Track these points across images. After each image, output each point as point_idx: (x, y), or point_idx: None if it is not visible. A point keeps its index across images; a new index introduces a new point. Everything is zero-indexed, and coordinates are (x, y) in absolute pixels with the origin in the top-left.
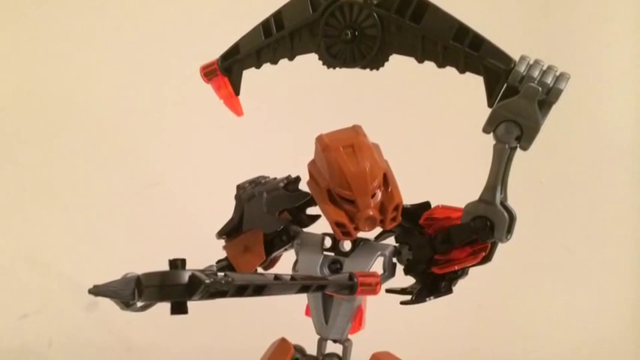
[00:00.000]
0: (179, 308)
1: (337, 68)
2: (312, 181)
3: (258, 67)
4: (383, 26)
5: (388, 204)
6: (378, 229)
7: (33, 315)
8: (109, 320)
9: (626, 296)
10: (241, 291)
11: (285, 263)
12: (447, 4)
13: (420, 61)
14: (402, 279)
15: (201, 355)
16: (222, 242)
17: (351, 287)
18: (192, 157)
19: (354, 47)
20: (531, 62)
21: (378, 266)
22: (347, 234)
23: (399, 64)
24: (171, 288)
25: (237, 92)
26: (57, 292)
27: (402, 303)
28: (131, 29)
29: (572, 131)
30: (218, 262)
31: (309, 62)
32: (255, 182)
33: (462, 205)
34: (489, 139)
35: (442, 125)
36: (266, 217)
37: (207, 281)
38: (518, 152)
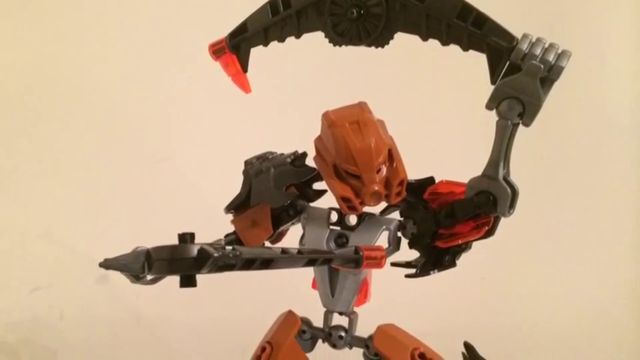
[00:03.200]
0: (188, 281)
1: (343, 46)
2: (319, 156)
3: (265, 45)
4: (388, 5)
5: (393, 179)
6: (383, 204)
7: (45, 288)
8: (120, 293)
9: (626, 269)
10: (249, 264)
11: (292, 237)
12: None
13: (425, 39)
14: (407, 253)
15: (210, 327)
16: (231, 217)
17: (356, 261)
18: (201, 133)
19: (360, 25)
20: (533, 40)
21: (383, 240)
22: (353, 208)
23: (403, 42)
24: (181, 261)
25: (245, 69)
26: (68, 266)
27: (407, 276)
28: (142, 7)
29: (573, 108)
30: (226, 236)
31: (315, 40)
32: (263, 158)
33: (465, 180)
34: (492, 116)
35: (446, 102)
36: (273, 191)
37: (216, 255)
38: (521, 128)
